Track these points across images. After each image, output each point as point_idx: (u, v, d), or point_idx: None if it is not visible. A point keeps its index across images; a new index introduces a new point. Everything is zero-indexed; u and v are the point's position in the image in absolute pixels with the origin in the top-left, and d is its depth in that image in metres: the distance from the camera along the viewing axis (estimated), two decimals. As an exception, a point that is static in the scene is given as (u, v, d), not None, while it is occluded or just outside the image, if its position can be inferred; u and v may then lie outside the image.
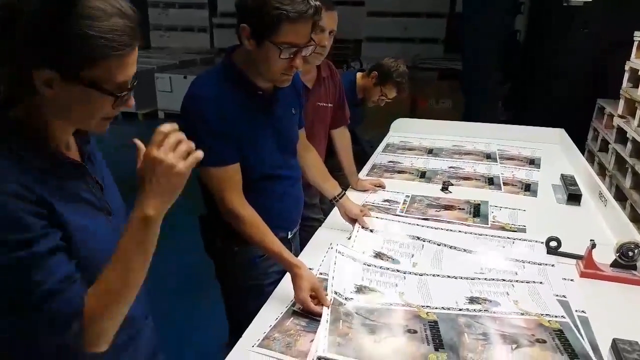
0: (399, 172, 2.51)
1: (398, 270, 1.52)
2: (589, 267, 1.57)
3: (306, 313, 1.33)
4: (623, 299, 1.48)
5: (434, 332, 1.24)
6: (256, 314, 1.35)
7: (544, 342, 1.20)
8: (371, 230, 1.78)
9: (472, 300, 1.38)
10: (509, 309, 1.34)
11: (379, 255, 1.64)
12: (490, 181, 2.38)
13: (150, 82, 6.81)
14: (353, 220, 1.82)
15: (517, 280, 1.48)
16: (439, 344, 1.19)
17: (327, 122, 2.16)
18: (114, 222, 0.98)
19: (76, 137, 0.97)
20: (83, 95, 0.84)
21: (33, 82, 0.81)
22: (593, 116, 3.89)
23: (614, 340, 1.21)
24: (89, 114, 0.88)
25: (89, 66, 0.81)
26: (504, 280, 1.48)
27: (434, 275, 1.51)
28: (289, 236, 1.69)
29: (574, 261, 1.64)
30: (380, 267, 1.54)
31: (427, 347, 1.19)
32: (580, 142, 3.67)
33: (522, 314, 1.31)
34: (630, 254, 1.53)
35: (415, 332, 1.24)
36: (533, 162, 2.66)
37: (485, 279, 1.49)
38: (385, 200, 2.12)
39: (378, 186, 2.26)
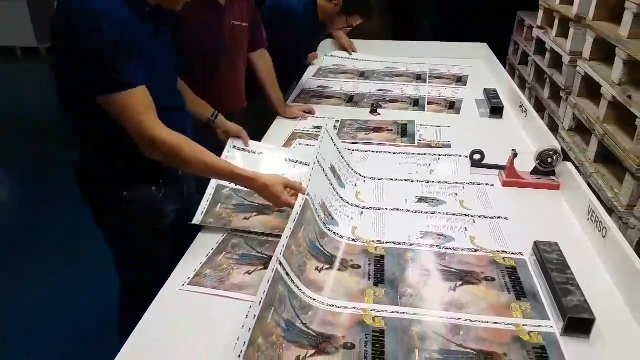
0: (327, 97, 2.47)
1: (357, 206, 1.50)
2: (511, 176, 1.62)
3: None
4: (543, 204, 1.55)
5: (378, 267, 1.23)
6: (158, 262, 1.33)
7: (492, 280, 1.19)
8: (248, 151, 1.70)
9: (427, 234, 1.37)
10: (463, 245, 1.33)
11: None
12: (416, 103, 2.40)
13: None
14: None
15: (479, 216, 1.46)
16: (379, 280, 1.19)
17: (245, 44, 2.00)
18: None
19: None
20: None
21: None
22: (514, 29, 3.93)
23: (535, 242, 1.26)
24: None
25: None
26: (465, 215, 1.46)
27: (393, 209, 1.49)
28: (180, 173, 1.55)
29: (497, 172, 1.69)
30: (342, 199, 1.50)
31: (367, 282, 1.18)
32: (502, 56, 3.73)
33: (476, 251, 1.30)
34: (550, 160, 1.59)
35: (358, 267, 1.23)
36: (460, 80, 2.69)
37: (446, 213, 1.47)
38: (315, 127, 2.08)
39: (307, 112, 2.20)
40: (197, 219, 1.41)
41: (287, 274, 1.09)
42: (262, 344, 0.94)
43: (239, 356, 0.87)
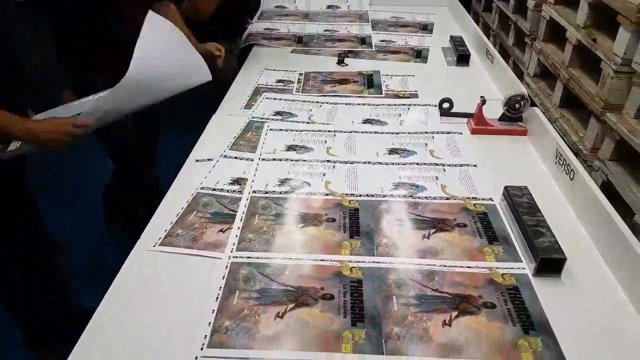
0: (277, 38, 2.48)
1: (328, 161, 1.48)
2: (479, 124, 1.63)
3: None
4: (511, 150, 1.56)
5: (352, 220, 1.23)
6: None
7: (465, 226, 1.21)
8: None
9: (399, 185, 1.37)
10: (434, 193, 1.33)
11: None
12: (363, 41, 2.43)
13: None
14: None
15: (450, 165, 1.46)
16: (355, 232, 1.19)
17: None
18: None
19: None
20: None
21: None
22: (477, -24, 3.89)
23: (505, 187, 1.28)
24: None
25: None
26: (436, 164, 1.46)
27: (365, 162, 1.48)
28: None
29: (465, 120, 1.69)
30: (306, 161, 1.48)
31: (343, 235, 1.18)
32: (467, 2, 3.70)
33: (447, 199, 1.31)
34: (517, 105, 1.59)
35: (333, 220, 1.23)
36: (426, 28, 2.66)
37: (417, 163, 1.47)
38: (278, 81, 2.03)
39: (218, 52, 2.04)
40: None
41: (249, 258, 1.11)
42: (229, 324, 0.95)
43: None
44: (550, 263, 1.05)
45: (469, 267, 1.09)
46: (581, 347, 0.91)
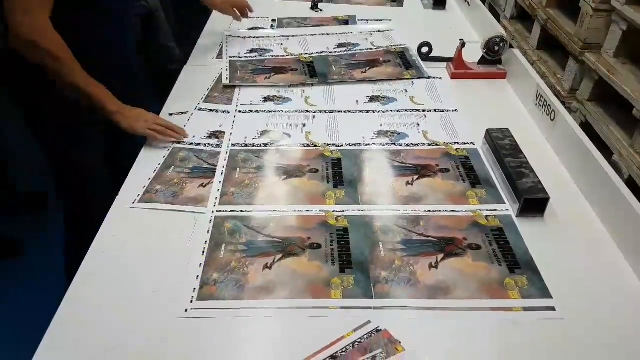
0: None
1: (307, 111, 1.45)
2: (459, 68, 1.61)
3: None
4: (491, 93, 1.55)
5: (335, 170, 1.22)
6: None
7: (447, 171, 1.21)
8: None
9: (380, 133, 1.36)
10: (416, 140, 1.32)
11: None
12: None
13: None
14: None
15: (430, 110, 1.45)
16: (339, 181, 1.18)
17: None
18: None
19: None
20: None
21: None
22: None
23: (487, 130, 1.27)
24: None
25: None
26: (416, 111, 1.45)
27: (345, 111, 1.45)
28: None
29: (444, 65, 1.67)
30: (285, 112, 1.45)
31: (327, 185, 1.17)
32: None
33: (430, 145, 1.30)
34: (497, 48, 1.57)
35: (316, 171, 1.22)
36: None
37: (398, 110, 1.45)
38: (250, 29, 1.96)
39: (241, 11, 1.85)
40: (225, 80, 1.57)
41: (233, 212, 1.09)
42: (218, 277, 0.94)
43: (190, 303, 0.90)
44: (534, 203, 1.06)
45: (453, 210, 1.09)
46: (565, 282, 0.92)
